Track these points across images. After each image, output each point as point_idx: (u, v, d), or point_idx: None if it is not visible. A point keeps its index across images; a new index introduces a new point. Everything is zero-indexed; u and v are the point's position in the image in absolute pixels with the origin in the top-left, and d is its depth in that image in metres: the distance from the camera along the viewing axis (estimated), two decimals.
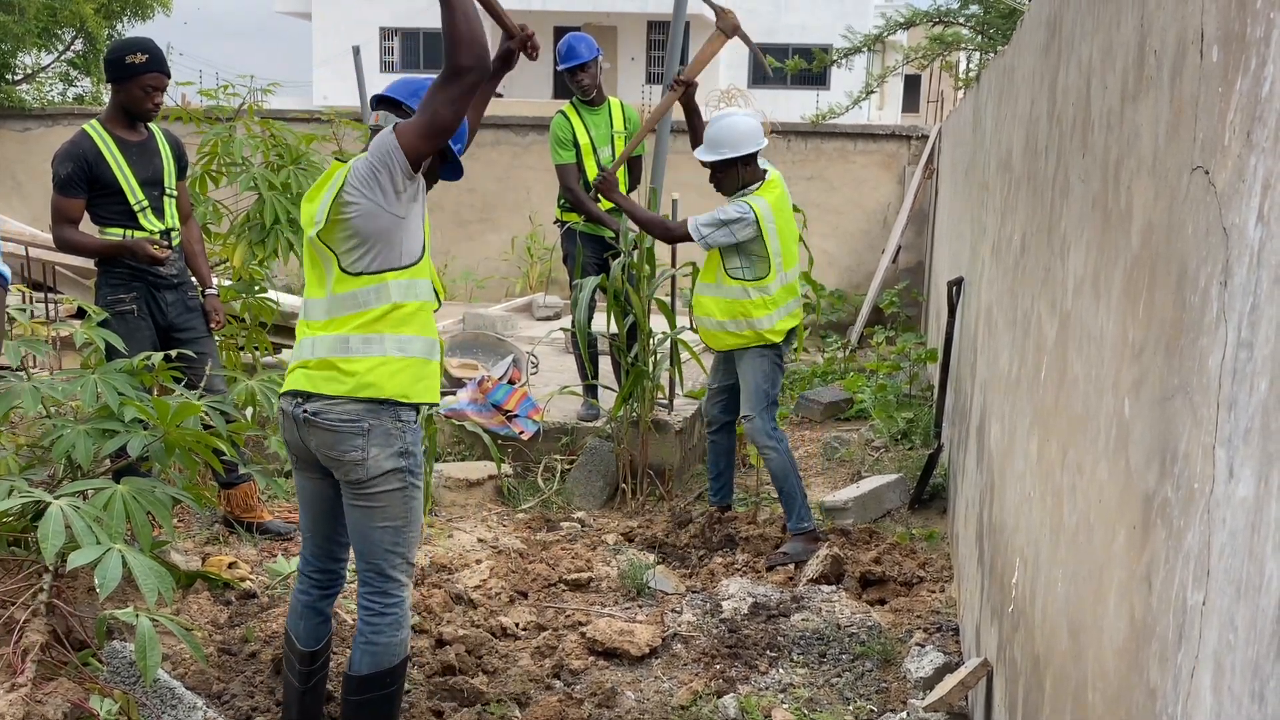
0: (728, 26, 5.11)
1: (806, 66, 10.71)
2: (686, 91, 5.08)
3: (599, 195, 5.28)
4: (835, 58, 10.71)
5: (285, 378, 3.04)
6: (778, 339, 4.85)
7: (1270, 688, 1.02)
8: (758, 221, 4.70)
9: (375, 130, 2.96)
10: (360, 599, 3.02)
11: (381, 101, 3.05)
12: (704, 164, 4.82)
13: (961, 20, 10.12)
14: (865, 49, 10.59)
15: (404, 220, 2.83)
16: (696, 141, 5.03)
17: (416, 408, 2.96)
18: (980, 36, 9.89)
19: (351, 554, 3.12)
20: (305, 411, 2.89)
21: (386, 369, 2.86)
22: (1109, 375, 1.79)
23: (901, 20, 10.19)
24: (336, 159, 3.02)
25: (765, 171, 4.85)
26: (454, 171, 3.05)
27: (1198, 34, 1.40)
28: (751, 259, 4.77)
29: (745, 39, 5.19)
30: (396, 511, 2.93)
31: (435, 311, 3.05)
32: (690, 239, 4.82)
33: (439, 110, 2.71)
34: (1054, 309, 2.41)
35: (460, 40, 2.67)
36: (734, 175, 4.74)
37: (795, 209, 6.28)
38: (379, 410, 2.86)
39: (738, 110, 4.87)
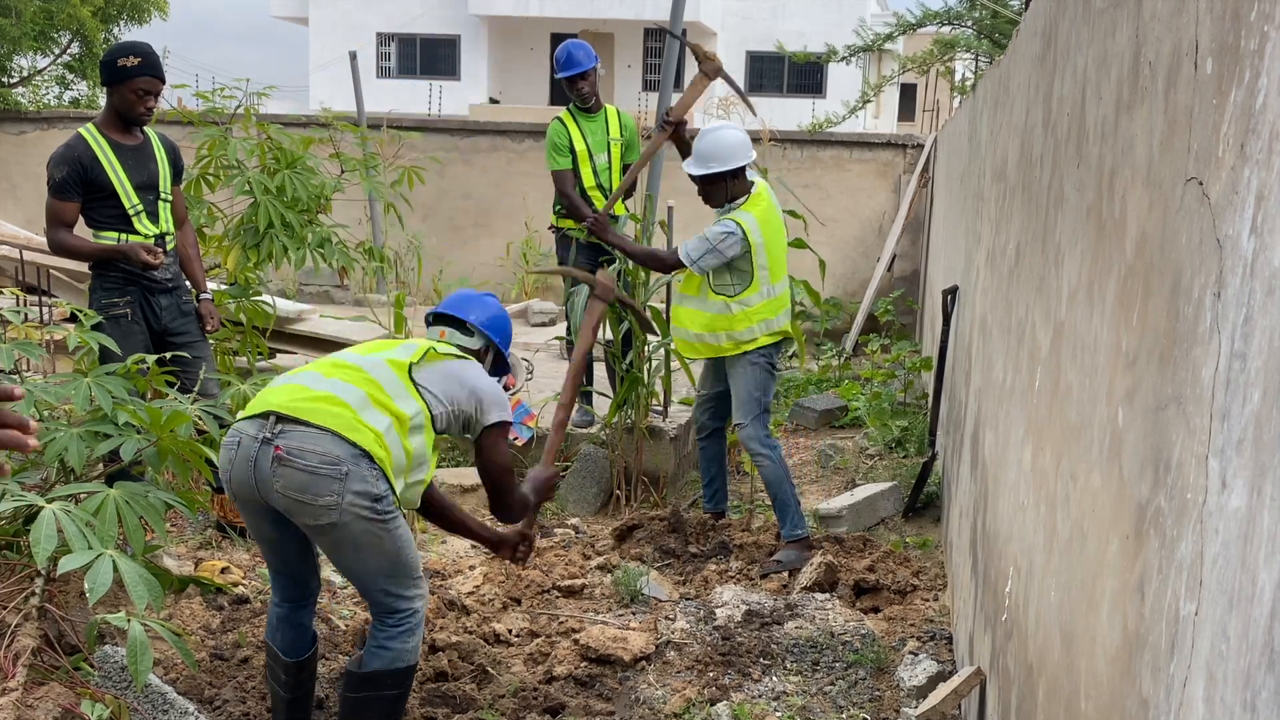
0: (711, 70, 5.19)
1: (815, 60, 10.73)
2: (676, 130, 5.10)
3: (592, 235, 5.29)
4: (845, 54, 10.72)
5: (250, 402, 2.96)
6: (770, 340, 4.85)
7: (1262, 698, 1.02)
8: (745, 237, 4.69)
9: (440, 347, 3.17)
10: (371, 615, 3.02)
11: (441, 318, 3.33)
12: (692, 178, 4.80)
13: (970, 24, 10.13)
14: (875, 47, 10.61)
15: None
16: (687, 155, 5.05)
17: (392, 488, 2.88)
18: (987, 41, 9.91)
19: (327, 565, 3.12)
20: (278, 448, 2.74)
21: (378, 442, 2.83)
22: (1103, 384, 1.80)
23: (914, 20, 10.20)
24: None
25: (753, 184, 4.84)
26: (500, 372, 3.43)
27: (1192, 45, 1.40)
28: (738, 274, 4.76)
29: (730, 81, 5.29)
30: (385, 546, 2.85)
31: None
32: (687, 266, 4.79)
33: (493, 467, 3.25)
34: (1048, 318, 2.42)
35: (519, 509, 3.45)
36: (722, 189, 4.73)
37: (795, 214, 6.30)
38: (359, 458, 2.78)
39: (727, 124, 4.86)
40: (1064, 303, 2.22)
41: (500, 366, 3.39)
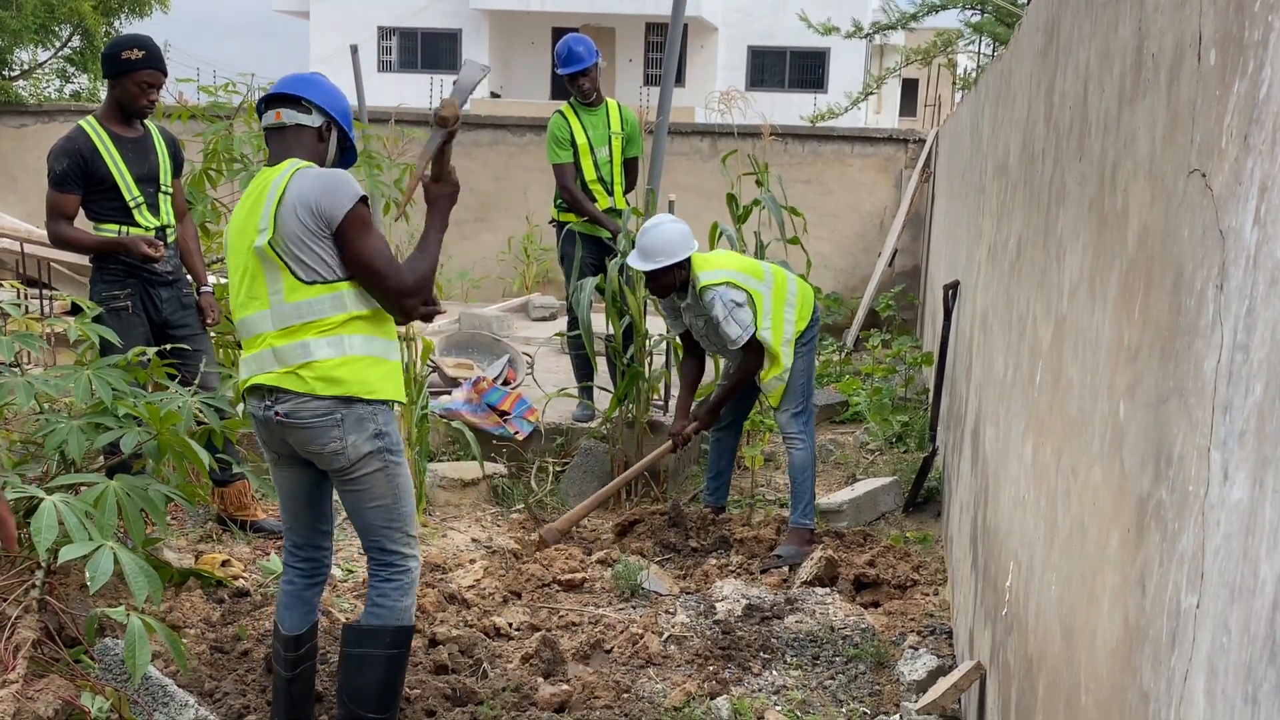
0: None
1: (836, 29, 10.67)
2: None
3: (683, 440, 5.15)
4: (870, 30, 10.65)
5: (240, 385, 3.08)
6: (801, 328, 4.91)
7: (1263, 690, 1.02)
8: (728, 285, 4.74)
9: (275, 128, 3.06)
10: (369, 571, 3.15)
11: (275, 100, 3.08)
12: (642, 272, 4.83)
13: (991, 9, 10.06)
14: (901, 25, 10.55)
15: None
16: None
17: (383, 403, 3.01)
18: (1008, 27, 9.85)
19: (335, 542, 3.23)
20: (277, 414, 2.94)
21: (348, 367, 2.93)
22: (1104, 378, 1.79)
23: (939, 2, 10.13)
24: (267, 165, 3.09)
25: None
26: (349, 159, 3.21)
27: (1195, 37, 1.40)
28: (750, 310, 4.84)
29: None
30: (383, 490, 3.02)
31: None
32: (754, 341, 4.79)
33: (385, 284, 2.94)
34: (1049, 312, 2.42)
35: (421, 286, 3.00)
36: (671, 279, 4.78)
37: (795, 212, 6.31)
38: (348, 401, 2.93)
39: (667, 217, 4.90)
40: (1065, 297, 2.22)
41: (349, 153, 3.21)
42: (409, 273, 2.97)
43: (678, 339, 5.32)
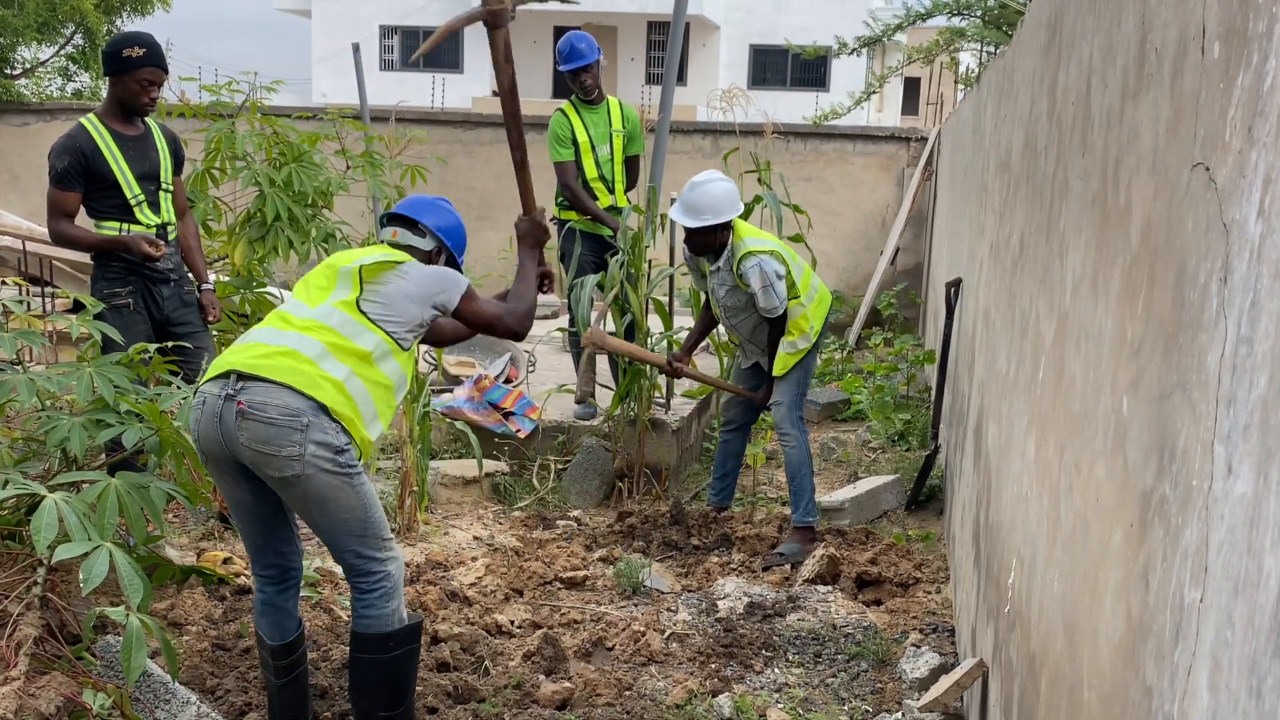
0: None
1: (824, 54, 10.72)
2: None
3: (676, 374, 5.25)
4: (854, 46, 10.68)
5: (212, 364, 3.02)
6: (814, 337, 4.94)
7: (1268, 684, 1.02)
8: (773, 256, 4.72)
9: (394, 245, 3.26)
10: (349, 583, 3.08)
11: (395, 219, 3.33)
12: (686, 228, 4.79)
13: (979, 13, 10.05)
14: (885, 38, 10.57)
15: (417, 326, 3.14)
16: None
17: (351, 439, 2.94)
18: (995, 30, 9.83)
19: (302, 544, 3.21)
20: (240, 403, 2.80)
21: (338, 393, 2.90)
22: (1107, 374, 1.79)
23: (924, 10, 10.14)
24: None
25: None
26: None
27: (1199, 30, 1.39)
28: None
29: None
30: (351, 502, 2.91)
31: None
32: (780, 312, 4.78)
33: (486, 325, 3.31)
34: (1052, 309, 2.41)
35: (526, 319, 3.36)
36: (713, 238, 4.77)
37: (797, 209, 6.30)
38: (319, 410, 2.84)
39: (716, 175, 4.83)
40: (1068, 293, 2.21)
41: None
42: (509, 315, 3.33)
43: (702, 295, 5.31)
